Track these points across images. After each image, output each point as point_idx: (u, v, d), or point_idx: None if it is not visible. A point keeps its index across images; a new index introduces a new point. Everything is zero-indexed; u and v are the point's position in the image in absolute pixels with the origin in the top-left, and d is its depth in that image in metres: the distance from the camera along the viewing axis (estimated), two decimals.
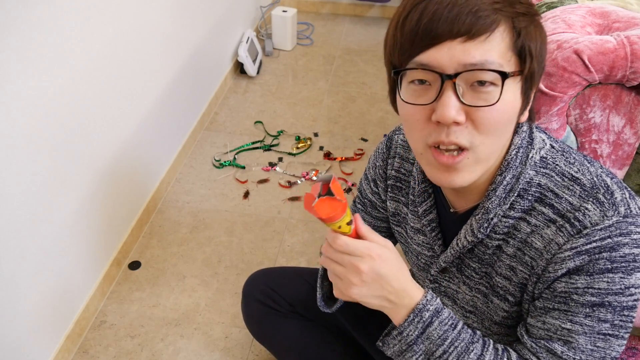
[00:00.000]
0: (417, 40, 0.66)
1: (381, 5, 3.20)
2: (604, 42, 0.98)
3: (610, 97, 1.01)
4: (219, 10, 2.32)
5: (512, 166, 0.74)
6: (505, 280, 0.79)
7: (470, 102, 0.66)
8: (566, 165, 0.75)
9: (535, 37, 0.68)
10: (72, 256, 1.43)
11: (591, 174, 0.73)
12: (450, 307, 0.91)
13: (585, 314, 0.71)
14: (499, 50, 0.65)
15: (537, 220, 0.74)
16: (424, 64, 0.66)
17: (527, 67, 0.68)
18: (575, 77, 0.99)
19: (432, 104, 0.67)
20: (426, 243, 0.89)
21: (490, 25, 0.64)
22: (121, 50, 1.53)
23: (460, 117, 0.66)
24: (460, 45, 0.64)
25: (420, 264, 0.93)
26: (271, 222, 1.86)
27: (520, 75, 0.68)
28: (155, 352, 1.47)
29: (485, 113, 0.66)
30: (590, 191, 0.71)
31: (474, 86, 0.66)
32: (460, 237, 0.81)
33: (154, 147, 1.85)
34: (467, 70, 0.64)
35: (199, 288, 1.64)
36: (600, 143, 1.05)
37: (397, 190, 0.93)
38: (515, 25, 0.66)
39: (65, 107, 1.30)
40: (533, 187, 0.75)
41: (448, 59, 0.65)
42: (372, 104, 2.47)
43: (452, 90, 0.65)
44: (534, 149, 0.75)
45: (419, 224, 0.89)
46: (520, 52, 0.67)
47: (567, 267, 0.70)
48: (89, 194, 1.47)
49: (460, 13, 0.63)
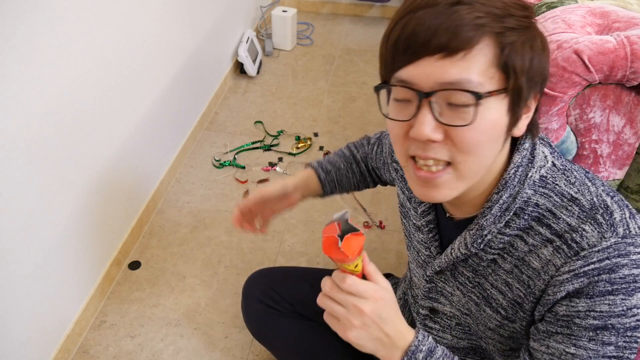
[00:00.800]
0: (397, 55, 0.65)
1: (381, 5, 3.20)
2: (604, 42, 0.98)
3: (610, 97, 1.01)
4: (219, 10, 2.32)
5: (509, 185, 0.73)
6: (499, 293, 0.79)
7: (446, 121, 0.65)
8: (566, 185, 0.73)
9: (524, 52, 0.65)
10: (72, 256, 1.43)
11: (591, 194, 0.72)
12: (448, 306, 0.91)
13: (588, 337, 0.69)
14: (479, 67, 0.63)
15: (534, 240, 0.73)
16: (403, 80, 0.65)
17: (512, 84, 0.65)
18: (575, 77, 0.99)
19: (410, 120, 0.66)
20: (424, 242, 0.90)
21: (469, 42, 0.62)
22: (121, 50, 1.53)
23: (436, 136, 0.65)
24: (438, 62, 0.63)
25: (419, 260, 0.94)
26: (271, 222, 1.86)
27: (504, 92, 0.65)
28: (155, 352, 1.47)
29: (463, 132, 0.65)
30: (589, 212, 0.70)
31: (451, 105, 0.64)
32: (454, 247, 0.81)
33: (154, 147, 1.85)
34: (443, 90, 0.63)
35: (199, 288, 1.64)
36: (600, 143, 1.05)
37: (404, 182, 0.94)
38: (501, 40, 0.63)
39: (65, 107, 1.30)
40: (530, 206, 0.73)
41: (425, 76, 0.64)
42: (372, 104, 2.47)
43: (428, 109, 0.64)
44: (534, 167, 0.74)
45: (419, 222, 0.90)
46: (505, 68, 0.64)
47: (566, 289, 0.69)
48: (89, 194, 1.47)
49: (439, 29, 0.62)
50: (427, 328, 0.98)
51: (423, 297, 0.94)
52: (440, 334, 0.97)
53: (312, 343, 1.20)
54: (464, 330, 0.93)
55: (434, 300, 0.93)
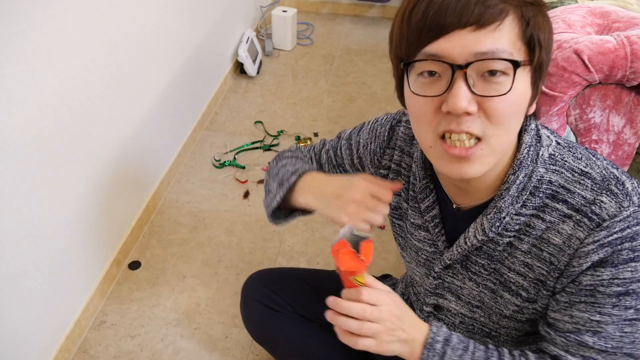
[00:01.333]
0: (424, 31, 0.66)
1: (381, 5, 3.20)
2: (604, 42, 0.98)
3: (610, 97, 1.01)
4: (219, 10, 2.32)
5: (524, 165, 0.74)
6: (519, 276, 0.80)
7: (481, 92, 0.65)
8: (574, 161, 0.75)
9: (543, 27, 0.68)
10: (72, 256, 1.43)
11: (599, 167, 0.74)
12: (454, 303, 0.91)
13: (612, 304, 0.72)
14: (509, 39, 0.65)
15: (551, 217, 0.75)
16: (434, 54, 0.66)
17: (537, 57, 0.67)
18: (575, 77, 0.99)
19: (443, 95, 0.67)
20: (428, 239, 0.89)
21: (500, 14, 0.64)
22: (121, 50, 1.53)
23: (471, 108, 0.65)
24: (470, 34, 0.64)
25: (420, 259, 0.93)
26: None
27: (530, 65, 0.68)
28: (155, 352, 1.47)
29: (497, 103, 0.66)
30: (602, 183, 0.72)
31: (485, 76, 0.65)
32: (469, 236, 0.81)
33: (154, 147, 1.85)
34: (478, 60, 0.64)
35: (199, 288, 1.64)
36: (600, 143, 1.05)
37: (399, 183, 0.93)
38: (524, 14, 0.65)
39: (65, 107, 1.30)
40: (544, 184, 0.75)
41: (459, 48, 0.64)
42: (372, 104, 2.47)
43: (463, 81, 0.65)
44: (543, 146, 0.76)
45: (420, 220, 0.89)
46: (530, 42, 0.67)
47: (591, 260, 0.71)
48: (89, 194, 1.47)
49: (469, 3, 0.63)
50: None
51: (428, 294, 0.94)
52: None
53: (312, 344, 1.19)
54: (467, 329, 0.93)
55: (439, 297, 0.92)
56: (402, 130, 0.92)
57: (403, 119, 0.93)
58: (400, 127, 0.92)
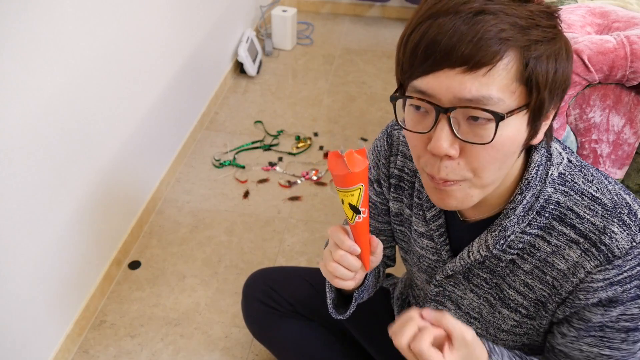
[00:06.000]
0: (416, 63, 0.62)
1: (381, 5, 3.20)
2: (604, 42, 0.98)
3: (610, 96, 1.01)
4: (219, 9, 2.32)
5: (532, 185, 0.72)
6: (518, 294, 0.79)
7: (464, 137, 0.62)
8: (584, 184, 0.73)
9: (548, 65, 0.62)
10: (72, 256, 1.43)
11: (610, 193, 0.71)
12: (453, 312, 0.90)
13: (621, 339, 0.72)
14: (502, 83, 0.60)
15: (557, 241, 0.73)
16: (422, 91, 0.63)
17: (534, 99, 0.62)
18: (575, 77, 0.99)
19: (429, 132, 0.64)
20: (432, 247, 0.87)
21: (492, 57, 0.58)
22: (121, 50, 1.53)
23: (452, 151, 0.63)
24: (458, 76, 0.60)
25: (422, 266, 0.91)
26: (271, 222, 1.86)
27: (526, 109, 0.63)
28: (155, 351, 1.47)
29: (480, 150, 0.63)
30: (613, 211, 0.70)
31: (469, 120, 0.62)
32: (472, 250, 0.79)
33: (154, 146, 1.85)
34: (462, 107, 0.61)
35: (199, 288, 1.64)
36: (600, 143, 1.05)
37: (400, 190, 0.91)
38: (526, 55, 0.60)
39: (65, 107, 1.30)
40: (551, 204, 0.73)
41: (444, 89, 0.61)
42: (372, 104, 2.47)
43: (446, 123, 0.62)
44: (552, 165, 0.73)
45: (424, 228, 0.87)
46: (527, 83, 0.61)
47: (599, 297, 0.70)
48: (89, 194, 1.47)
49: (461, 41, 0.58)
50: None
51: (428, 299, 0.93)
52: None
53: (312, 343, 1.20)
54: None
55: (439, 304, 0.92)
56: (402, 133, 0.89)
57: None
58: (399, 132, 0.90)
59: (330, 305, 0.92)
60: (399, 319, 0.68)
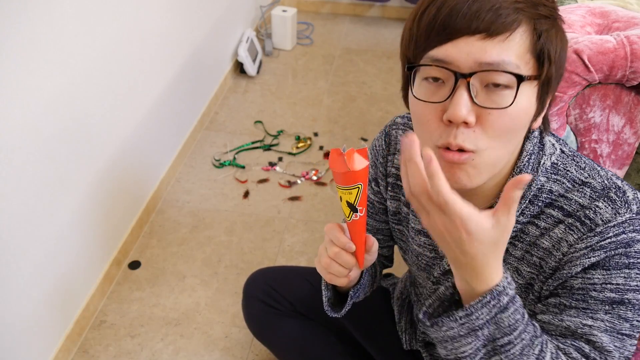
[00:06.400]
0: (433, 34, 0.64)
1: (381, 5, 3.20)
2: (604, 42, 0.98)
3: (610, 96, 1.01)
4: (219, 10, 2.32)
5: (524, 172, 0.73)
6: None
7: (482, 104, 0.64)
8: (577, 171, 0.74)
9: (555, 42, 0.66)
10: (72, 256, 1.43)
11: (601, 177, 0.72)
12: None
13: (605, 310, 0.69)
14: (518, 51, 0.63)
15: (545, 223, 0.73)
16: (439, 59, 0.64)
17: (545, 72, 0.65)
18: (575, 77, 0.99)
19: (445, 102, 0.65)
20: (428, 244, 0.88)
21: (511, 24, 0.62)
22: (121, 50, 1.53)
23: (470, 118, 0.64)
24: (478, 42, 0.63)
25: (420, 264, 0.92)
26: (271, 222, 1.86)
27: (537, 80, 0.66)
28: (155, 351, 1.47)
29: (497, 117, 0.64)
30: (602, 192, 0.71)
31: (488, 87, 0.64)
32: None
33: (154, 146, 1.85)
34: (483, 71, 0.63)
35: (199, 288, 1.64)
36: (600, 143, 1.05)
37: (398, 188, 0.92)
38: (537, 27, 0.64)
39: (65, 107, 1.30)
40: (544, 193, 0.74)
41: (464, 55, 0.63)
42: (372, 104, 2.47)
43: (465, 89, 0.63)
44: (545, 155, 0.74)
45: (420, 225, 0.88)
46: (539, 56, 0.65)
47: (582, 264, 0.69)
48: (89, 194, 1.47)
49: (481, 9, 0.62)
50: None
51: (428, 296, 0.93)
52: None
53: (313, 342, 1.20)
54: None
55: None
56: (401, 133, 0.90)
57: (399, 120, 0.91)
58: (397, 130, 0.91)
59: (325, 303, 0.93)
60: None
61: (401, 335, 1.10)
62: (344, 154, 0.69)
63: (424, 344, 1.03)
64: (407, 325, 1.10)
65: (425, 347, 1.03)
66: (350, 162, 0.68)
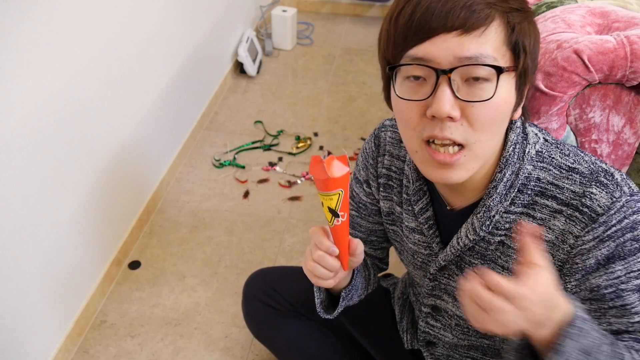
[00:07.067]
0: (410, 34, 0.67)
1: (381, 5, 3.20)
2: (604, 41, 0.98)
3: (610, 96, 1.01)
4: (219, 9, 2.32)
5: (510, 162, 0.75)
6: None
7: (465, 97, 0.66)
8: (562, 158, 0.75)
9: (529, 34, 0.69)
10: (72, 256, 1.43)
11: (587, 162, 0.74)
12: (450, 304, 0.91)
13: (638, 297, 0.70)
14: (494, 44, 0.66)
15: (541, 214, 0.75)
16: (419, 57, 0.67)
17: (522, 63, 0.68)
18: (575, 77, 0.99)
19: (427, 99, 0.67)
20: (423, 242, 0.89)
21: (485, 19, 0.65)
22: (121, 50, 1.53)
23: (454, 112, 0.66)
24: (455, 38, 0.65)
25: (416, 262, 0.92)
26: (271, 222, 1.86)
27: (514, 71, 0.69)
28: (155, 351, 1.47)
29: (480, 109, 0.67)
30: (590, 176, 0.72)
31: (469, 81, 0.66)
32: (460, 236, 0.81)
33: (154, 146, 1.85)
34: (463, 65, 0.65)
35: (199, 288, 1.64)
36: (600, 143, 1.05)
37: (389, 189, 0.92)
38: (510, 20, 0.67)
39: (65, 107, 1.30)
40: (532, 181, 0.75)
41: (443, 51, 0.65)
42: (372, 104, 2.47)
43: (447, 85, 0.66)
44: (529, 143, 0.76)
45: (414, 223, 0.88)
46: (515, 48, 0.68)
47: (594, 256, 0.71)
48: (89, 194, 1.47)
49: (455, 7, 0.64)
50: (429, 326, 0.98)
51: (426, 295, 0.94)
52: (442, 332, 0.96)
53: (312, 343, 1.20)
54: (463, 332, 0.93)
55: (436, 298, 0.92)
56: (390, 135, 0.92)
57: (387, 123, 0.93)
58: (386, 132, 0.92)
59: (318, 305, 0.94)
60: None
61: (402, 335, 1.10)
62: (324, 161, 0.70)
63: (425, 343, 1.03)
64: (409, 325, 1.10)
65: (426, 347, 1.03)
66: (330, 169, 0.70)
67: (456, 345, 0.97)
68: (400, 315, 1.11)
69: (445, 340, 0.97)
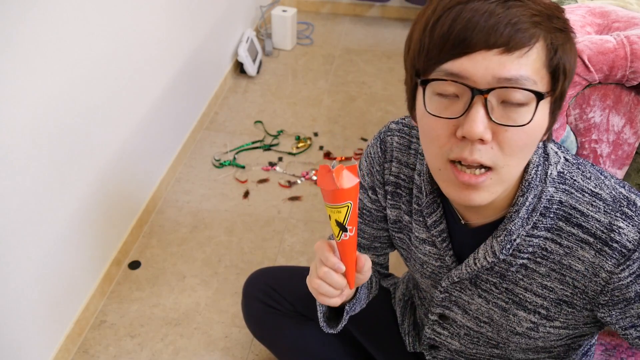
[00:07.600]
0: (447, 46, 0.61)
1: (381, 5, 3.20)
2: (604, 41, 0.98)
3: (610, 96, 1.01)
4: (219, 9, 2.32)
5: (533, 186, 0.72)
6: (537, 297, 0.78)
7: (499, 121, 0.62)
8: (583, 180, 0.73)
9: (569, 56, 0.64)
10: (72, 256, 1.43)
11: (608, 188, 0.72)
12: (460, 315, 0.89)
13: None
14: (534, 66, 0.61)
15: (568, 242, 0.73)
16: (454, 73, 0.62)
17: (560, 87, 0.64)
18: (575, 77, 0.99)
19: (459, 118, 0.63)
20: (435, 254, 0.86)
21: (530, 39, 0.60)
22: (121, 50, 1.53)
23: (487, 135, 0.62)
24: (496, 57, 0.60)
25: (425, 272, 0.90)
26: (271, 222, 1.86)
27: (552, 95, 0.64)
28: (155, 351, 1.47)
29: (513, 134, 0.63)
30: (614, 205, 0.71)
31: (505, 104, 0.62)
32: (478, 257, 0.78)
33: (154, 146, 1.85)
34: (501, 87, 0.61)
35: (199, 288, 1.64)
36: (600, 143, 1.05)
37: (397, 197, 0.89)
38: (553, 42, 0.62)
39: (65, 107, 1.30)
40: (554, 204, 0.73)
41: (482, 70, 0.61)
42: (372, 104, 2.47)
43: (482, 105, 0.61)
44: (551, 164, 0.73)
45: (425, 234, 0.86)
46: (555, 71, 0.63)
47: (635, 290, 0.71)
48: (89, 194, 1.47)
49: (499, 23, 0.59)
50: (435, 333, 0.96)
51: (434, 304, 0.92)
52: (449, 340, 0.95)
53: (312, 343, 1.20)
54: (472, 341, 0.92)
55: (446, 308, 0.91)
56: (397, 140, 0.87)
57: (393, 127, 0.88)
58: (393, 137, 0.87)
59: (321, 319, 0.90)
60: None
61: (404, 337, 1.09)
62: (333, 170, 0.66)
63: (429, 347, 1.01)
64: (411, 327, 1.09)
65: (429, 350, 1.02)
66: (339, 179, 0.65)
67: (463, 353, 0.96)
68: (402, 318, 1.11)
69: (452, 348, 0.96)
